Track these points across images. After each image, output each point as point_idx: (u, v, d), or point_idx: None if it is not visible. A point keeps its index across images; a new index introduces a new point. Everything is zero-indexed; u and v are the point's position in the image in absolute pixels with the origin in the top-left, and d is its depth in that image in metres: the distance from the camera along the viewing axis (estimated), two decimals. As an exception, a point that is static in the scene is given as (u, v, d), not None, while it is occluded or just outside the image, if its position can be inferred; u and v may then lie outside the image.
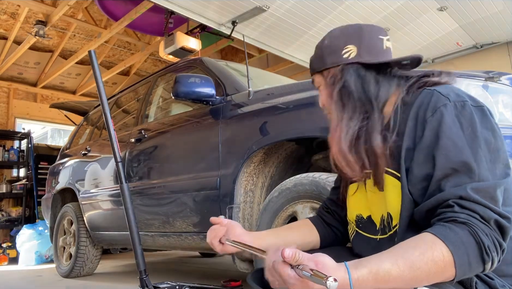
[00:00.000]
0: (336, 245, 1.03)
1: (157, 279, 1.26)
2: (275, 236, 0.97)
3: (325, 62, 0.88)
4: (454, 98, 0.75)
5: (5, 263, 4.56)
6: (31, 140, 5.57)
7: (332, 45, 0.88)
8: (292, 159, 1.95)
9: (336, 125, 0.84)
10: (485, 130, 0.72)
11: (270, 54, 5.19)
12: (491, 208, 0.66)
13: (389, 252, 0.65)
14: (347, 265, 0.62)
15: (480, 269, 0.65)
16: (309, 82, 1.80)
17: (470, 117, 0.72)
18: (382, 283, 0.62)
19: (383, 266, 0.62)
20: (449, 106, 0.73)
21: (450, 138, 0.71)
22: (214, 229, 0.95)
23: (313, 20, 3.65)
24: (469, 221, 0.65)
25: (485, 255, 0.63)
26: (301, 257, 0.60)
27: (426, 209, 0.71)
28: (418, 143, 0.75)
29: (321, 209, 1.08)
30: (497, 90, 1.32)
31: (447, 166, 0.70)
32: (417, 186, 0.74)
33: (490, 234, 0.64)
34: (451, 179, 0.69)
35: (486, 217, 0.65)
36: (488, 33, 4.03)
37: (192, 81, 2.02)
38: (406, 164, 0.76)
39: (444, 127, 0.72)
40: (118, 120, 3.24)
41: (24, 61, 5.84)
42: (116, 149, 1.27)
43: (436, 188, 0.71)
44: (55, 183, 3.65)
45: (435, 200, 0.70)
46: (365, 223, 0.89)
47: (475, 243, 0.63)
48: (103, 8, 4.48)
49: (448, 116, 0.72)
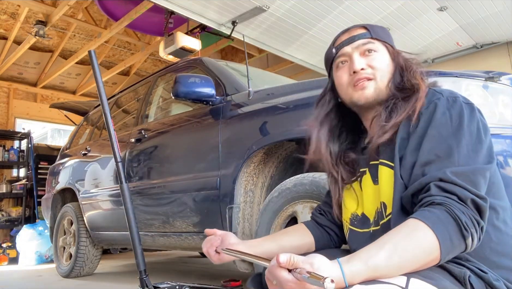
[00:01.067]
0: (331, 246, 1.04)
1: (157, 279, 1.26)
2: (270, 241, 1.00)
3: (392, 42, 0.95)
4: (447, 94, 0.82)
5: (5, 263, 4.56)
6: (31, 141, 5.56)
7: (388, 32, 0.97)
8: (292, 159, 1.95)
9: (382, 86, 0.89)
10: (471, 123, 0.77)
11: (270, 54, 5.19)
12: (468, 189, 0.70)
13: (376, 242, 0.68)
14: (339, 261, 0.64)
15: (463, 246, 0.68)
16: (309, 82, 1.81)
17: (460, 111, 0.78)
18: (373, 272, 0.64)
19: (371, 254, 0.65)
20: (442, 100, 0.80)
21: (437, 128, 0.77)
22: (209, 240, 0.99)
23: (313, 20, 3.66)
24: (445, 202, 0.69)
25: (464, 231, 0.67)
26: (296, 260, 0.62)
27: (411, 192, 0.76)
28: (412, 133, 0.80)
29: (315, 212, 1.10)
30: (497, 90, 1.32)
31: (431, 152, 0.76)
32: (409, 171, 0.78)
33: (466, 212, 0.68)
34: (433, 165, 0.75)
35: (463, 197, 0.69)
36: (488, 33, 4.03)
37: (192, 81, 2.02)
38: (401, 153, 0.81)
39: (435, 118, 0.78)
40: (118, 120, 3.24)
41: (24, 61, 5.85)
42: (116, 149, 1.27)
43: (420, 172, 0.76)
44: (55, 183, 3.65)
45: (418, 183, 0.75)
46: (359, 220, 0.92)
47: (452, 219, 0.67)
48: (103, 8, 4.48)
49: (439, 109, 0.79)
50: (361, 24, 0.95)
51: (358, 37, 0.92)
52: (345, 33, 0.96)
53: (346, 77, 0.93)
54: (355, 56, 0.91)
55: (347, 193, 0.97)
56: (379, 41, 0.92)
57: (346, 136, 1.00)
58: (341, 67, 0.94)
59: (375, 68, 0.89)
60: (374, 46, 0.91)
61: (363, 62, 0.90)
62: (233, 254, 0.90)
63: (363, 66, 0.89)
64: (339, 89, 0.96)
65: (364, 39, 0.92)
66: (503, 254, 0.77)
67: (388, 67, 0.90)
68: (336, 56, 0.96)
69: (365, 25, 0.95)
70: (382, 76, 0.89)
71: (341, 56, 0.94)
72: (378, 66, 0.89)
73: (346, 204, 0.96)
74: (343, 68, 0.94)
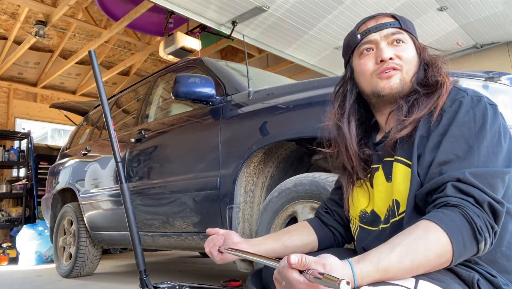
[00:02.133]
0: (334, 246, 1.02)
1: (157, 279, 1.26)
2: (274, 241, 0.96)
3: (415, 32, 0.92)
4: (472, 93, 0.79)
5: (5, 263, 4.56)
6: (31, 141, 5.56)
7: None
8: (292, 159, 1.95)
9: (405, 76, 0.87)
10: (494, 125, 0.75)
11: (270, 54, 5.19)
12: (486, 192, 0.68)
13: (387, 243, 0.67)
14: (350, 261, 0.63)
15: (475, 250, 0.67)
16: (309, 82, 1.81)
17: (484, 111, 0.75)
18: (384, 273, 0.63)
19: (382, 256, 0.64)
20: (467, 99, 0.77)
21: (460, 127, 0.75)
22: (212, 239, 0.96)
23: (313, 20, 3.65)
24: (460, 204, 0.67)
25: (478, 235, 0.65)
26: (308, 261, 0.60)
27: (426, 191, 0.74)
28: (433, 130, 0.78)
29: (320, 209, 1.07)
30: (497, 90, 1.32)
31: (450, 151, 0.73)
32: (426, 169, 0.76)
33: (481, 215, 0.66)
34: (452, 164, 0.72)
35: (480, 200, 0.67)
36: (488, 33, 4.03)
37: (192, 81, 2.02)
38: (419, 150, 0.78)
39: (458, 117, 0.75)
40: (118, 120, 3.24)
41: (24, 61, 5.85)
42: (116, 149, 1.27)
43: (437, 171, 0.73)
44: (55, 183, 3.65)
45: (434, 182, 0.72)
46: (368, 217, 0.90)
47: (467, 223, 0.66)
48: (103, 8, 4.48)
49: (463, 107, 0.76)
50: (389, 13, 0.91)
51: (388, 25, 0.88)
52: (371, 19, 0.91)
53: (371, 65, 0.88)
54: (383, 44, 0.87)
55: (358, 190, 0.94)
56: (408, 33, 0.89)
57: (360, 130, 0.95)
58: (365, 55, 0.89)
59: (403, 60, 0.86)
60: (403, 37, 0.88)
61: (391, 52, 0.86)
62: (237, 253, 0.87)
63: (392, 55, 0.86)
64: (360, 78, 0.91)
65: (394, 28, 0.88)
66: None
67: (414, 60, 0.87)
68: (361, 42, 0.90)
69: (394, 14, 0.91)
70: (409, 68, 0.86)
71: (367, 43, 0.89)
72: (406, 57, 0.86)
73: (355, 201, 0.94)
74: (368, 55, 0.89)
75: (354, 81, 0.94)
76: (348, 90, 0.95)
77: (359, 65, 0.91)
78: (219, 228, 0.98)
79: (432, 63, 0.87)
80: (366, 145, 0.93)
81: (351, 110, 0.94)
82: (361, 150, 0.92)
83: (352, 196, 0.95)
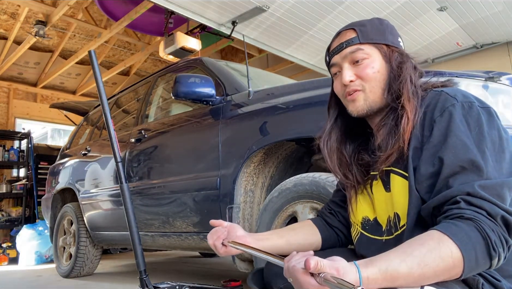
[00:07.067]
0: (337, 246, 1.02)
1: (157, 279, 1.26)
2: (278, 237, 0.97)
3: (387, 38, 0.88)
4: (462, 99, 0.77)
5: (5, 263, 4.56)
6: (31, 140, 5.56)
7: (393, 29, 0.91)
8: (292, 159, 1.95)
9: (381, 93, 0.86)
10: (491, 131, 0.74)
11: (270, 54, 5.19)
12: (498, 204, 0.66)
13: (396, 250, 0.65)
14: (357, 264, 0.63)
15: (487, 266, 0.66)
16: (309, 82, 1.81)
17: (477, 118, 0.74)
18: (390, 281, 0.62)
19: (391, 264, 0.63)
20: (457, 106, 0.75)
21: (458, 137, 0.73)
22: (215, 231, 0.95)
23: (313, 20, 3.65)
24: (475, 217, 0.65)
25: (492, 251, 0.64)
26: (323, 266, 0.60)
27: (433, 205, 0.72)
28: (426, 142, 0.76)
29: (324, 210, 1.07)
30: (497, 90, 1.32)
31: (455, 163, 0.71)
32: (424, 183, 0.75)
33: (496, 230, 0.65)
34: (458, 177, 0.70)
35: (493, 213, 0.66)
36: (488, 33, 4.03)
37: (192, 81, 2.02)
38: (414, 163, 0.77)
39: (453, 127, 0.74)
40: (118, 120, 3.24)
41: (24, 61, 5.84)
42: (116, 149, 1.27)
43: (443, 184, 0.72)
44: (55, 183, 3.65)
45: (442, 196, 0.71)
46: (371, 225, 0.90)
47: (481, 238, 0.64)
48: (103, 8, 4.48)
49: (456, 116, 0.74)
50: (351, 25, 0.90)
51: (346, 44, 0.88)
52: (336, 37, 0.92)
53: (339, 88, 0.91)
54: (345, 66, 0.88)
55: (360, 196, 0.94)
56: (370, 45, 0.87)
57: (358, 137, 0.97)
58: (335, 77, 0.93)
59: (364, 79, 0.85)
60: (362, 53, 0.86)
61: (351, 74, 0.86)
62: (242, 248, 0.86)
63: (352, 78, 0.86)
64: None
65: (353, 46, 0.87)
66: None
67: (379, 75, 0.85)
68: (329, 65, 0.94)
69: (354, 26, 0.89)
70: (372, 86, 0.85)
71: (333, 67, 0.92)
72: (367, 76, 0.85)
73: (358, 207, 0.94)
74: (337, 78, 0.92)
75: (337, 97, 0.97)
76: (332, 105, 0.99)
77: (334, 86, 0.94)
78: (222, 220, 0.97)
79: (398, 74, 0.84)
80: (365, 150, 0.93)
81: (332, 127, 0.97)
82: (359, 157, 0.93)
83: (356, 202, 0.95)
